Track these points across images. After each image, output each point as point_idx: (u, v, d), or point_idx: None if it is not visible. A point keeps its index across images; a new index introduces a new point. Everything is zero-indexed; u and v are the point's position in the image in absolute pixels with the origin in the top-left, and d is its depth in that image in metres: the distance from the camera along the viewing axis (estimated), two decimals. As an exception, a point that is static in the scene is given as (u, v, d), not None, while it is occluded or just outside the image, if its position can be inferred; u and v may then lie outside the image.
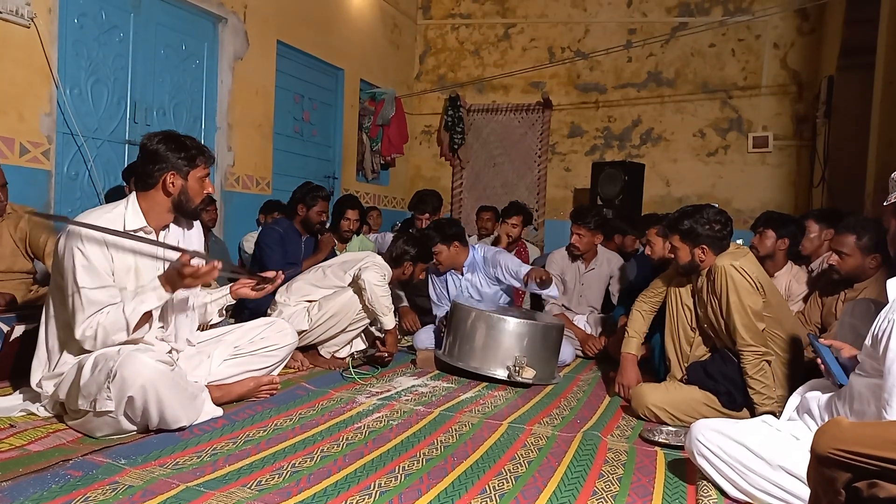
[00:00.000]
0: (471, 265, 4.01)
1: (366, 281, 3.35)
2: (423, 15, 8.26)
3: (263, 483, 1.93)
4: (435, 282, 4.18)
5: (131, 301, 2.22)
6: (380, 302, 3.38)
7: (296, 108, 6.26)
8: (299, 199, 4.16)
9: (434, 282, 4.19)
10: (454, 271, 4.05)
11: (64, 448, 2.10)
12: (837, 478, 1.22)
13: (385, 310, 3.40)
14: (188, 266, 2.22)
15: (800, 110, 6.97)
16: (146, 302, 2.23)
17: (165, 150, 2.33)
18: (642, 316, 3.25)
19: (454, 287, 4.07)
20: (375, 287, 3.35)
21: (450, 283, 4.08)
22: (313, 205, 4.11)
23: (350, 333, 3.53)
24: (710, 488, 2.03)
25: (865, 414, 1.82)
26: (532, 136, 7.87)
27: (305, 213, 4.14)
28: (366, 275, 3.36)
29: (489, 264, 3.97)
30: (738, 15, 7.03)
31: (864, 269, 2.88)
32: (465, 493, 1.94)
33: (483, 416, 2.77)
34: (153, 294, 2.25)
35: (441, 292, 4.16)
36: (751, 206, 6.96)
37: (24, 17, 3.64)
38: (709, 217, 2.80)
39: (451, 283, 4.08)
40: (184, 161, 2.35)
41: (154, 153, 2.33)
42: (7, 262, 3.12)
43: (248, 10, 5.36)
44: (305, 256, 4.20)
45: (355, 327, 3.51)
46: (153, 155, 2.33)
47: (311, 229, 4.19)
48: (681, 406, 2.78)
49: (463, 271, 4.02)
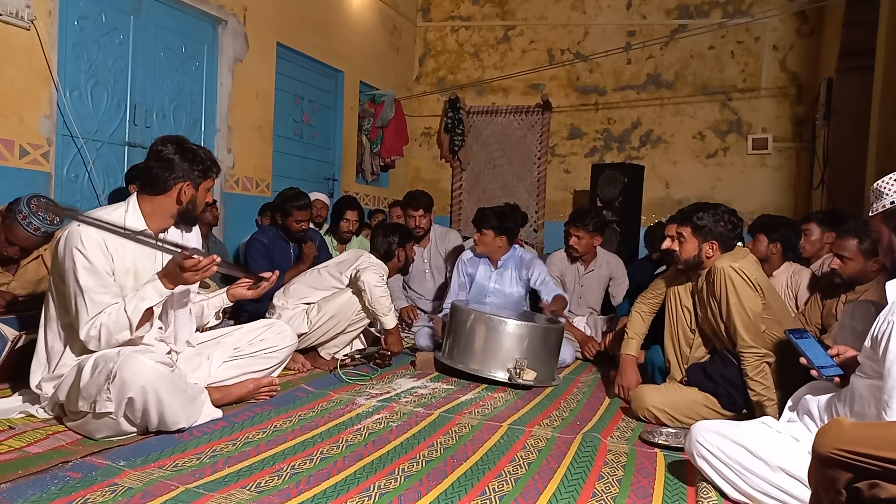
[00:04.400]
0: (506, 261, 4.03)
1: (365, 283, 3.35)
2: (423, 17, 8.27)
3: (263, 485, 1.93)
4: (464, 266, 4.13)
5: (132, 299, 2.22)
6: (380, 303, 3.38)
7: (295, 110, 6.27)
8: (276, 208, 4.12)
9: (462, 266, 4.14)
10: (489, 261, 4.05)
11: (63, 450, 2.09)
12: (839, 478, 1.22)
13: (385, 310, 3.41)
14: (188, 259, 2.21)
15: (799, 112, 6.98)
16: (147, 299, 2.23)
17: (181, 159, 2.35)
18: (642, 317, 3.24)
19: (482, 278, 4.07)
20: (375, 288, 3.36)
21: (480, 272, 4.07)
22: (289, 213, 4.06)
23: (350, 334, 3.53)
24: (710, 490, 2.03)
25: (865, 415, 1.82)
26: (532, 138, 7.87)
27: (283, 222, 4.10)
28: (365, 276, 3.36)
29: (524, 265, 4.02)
30: (738, 17, 7.04)
31: (865, 273, 2.89)
32: (464, 495, 1.94)
33: (483, 417, 2.77)
34: (153, 291, 2.24)
35: (464, 281, 4.13)
36: (750, 208, 6.95)
37: (24, 20, 3.65)
38: (723, 215, 2.81)
39: (480, 273, 4.07)
40: (199, 173, 2.39)
41: (170, 162, 2.34)
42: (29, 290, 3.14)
43: (248, 13, 5.37)
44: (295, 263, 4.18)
45: (355, 328, 3.51)
46: (168, 163, 2.34)
47: (294, 237, 4.16)
48: (680, 408, 2.78)
49: (497, 264, 4.04)
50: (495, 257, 4.02)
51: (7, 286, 3.07)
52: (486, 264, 4.07)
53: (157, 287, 2.25)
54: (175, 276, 2.25)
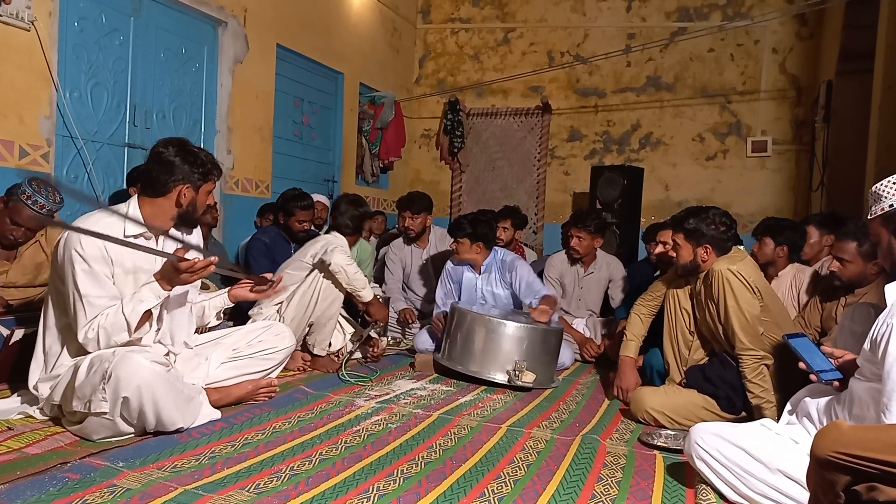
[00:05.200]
0: (489, 265, 4.02)
1: (336, 265, 3.36)
2: (423, 19, 8.28)
3: (262, 486, 1.92)
4: (449, 275, 4.12)
5: (130, 302, 2.22)
6: (355, 280, 3.41)
7: (295, 111, 6.27)
8: (279, 208, 4.14)
9: (448, 276, 4.13)
10: (472, 268, 4.05)
11: (62, 451, 2.09)
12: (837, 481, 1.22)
13: (362, 285, 3.44)
14: (184, 260, 2.21)
15: (799, 115, 6.98)
16: (144, 301, 2.22)
17: (182, 162, 2.35)
18: (641, 319, 3.25)
19: (469, 284, 4.05)
20: (347, 267, 3.39)
21: (465, 279, 4.05)
22: (291, 213, 4.09)
23: (328, 324, 3.49)
24: (709, 492, 2.02)
25: (865, 418, 1.81)
26: (531, 140, 7.88)
27: (285, 222, 4.11)
28: (335, 259, 3.37)
29: (506, 268, 3.98)
30: (737, 20, 7.05)
31: (865, 276, 2.89)
32: (463, 497, 1.93)
33: (482, 419, 2.77)
34: (150, 293, 2.24)
35: (451, 289, 4.12)
36: (750, 210, 6.97)
37: (25, 21, 3.65)
38: (714, 218, 2.81)
39: (465, 280, 4.05)
40: (199, 175, 2.38)
41: (171, 164, 2.34)
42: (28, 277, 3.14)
43: (248, 14, 5.37)
44: None
45: (328, 315, 3.46)
46: (169, 165, 2.34)
47: (295, 237, 4.17)
48: (679, 410, 2.77)
49: (480, 270, 4.03)
50: (477, 263, 4.00)
51: (6, 274, 3.07)
52: (471, 271, 4.05)
53: (155, 289, 2.25)
54: (171, 278, 2.25)
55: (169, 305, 2.46)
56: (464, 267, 4.05)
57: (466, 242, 3.88)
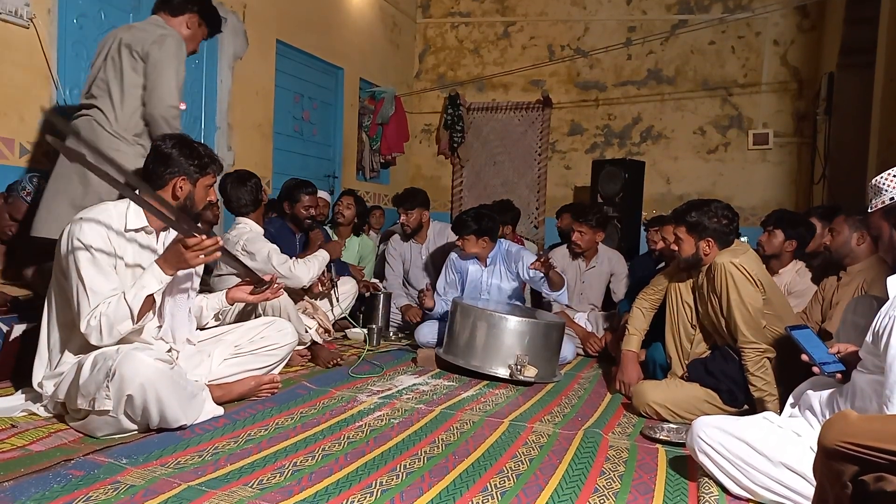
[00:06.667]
0: (494, 257, 4.01)
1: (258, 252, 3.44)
2: (423, 13, 8.26)
3: (265, 482, 1.93)
4: (453, 265, 4.11)
5: (132, 288, 2.21)
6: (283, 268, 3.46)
7: (295, 107, 6.26)
8: (285, 197, 4.17)
9: (452, 266, 4.12)
10: (477, 261, 4.04)
11: (65, 448, 2.10)
12: (844, 471, 1.22)
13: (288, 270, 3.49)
14: (191, 237, 2.19)
15: (800, 107, 6.96)
16: (147, 286, 2.21)
17: (178, 154, 2.35)
18: (643, 313, 3.25)
19: (474, 277, 4.05)
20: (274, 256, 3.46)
21: (471, 271, 4.05)
22: (297, 199, 4.10)
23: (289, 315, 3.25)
24: (712, 485, 2.03)
25: (867, 411, 1.81)
26: (532, 135, 7.86)
27: (292, 210, 4.14)
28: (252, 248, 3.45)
29: (511, 259, 3.98)
30: (738, 12, 7.02)
31: (851, 248, 2.89)
32: (466, 492, 1.94)
33: (484, 414, 2.77)
34: (152, 277, 2.22)
35: (454, 279, 4.10)
36: (752, 203, 6.96)
37: (24, 18, 3.64)
38: (716, 211, 2.81)
39: (471, 273, 4.05)
40: (195, 168, 2.38)
41: (167, 156, 2.35)
42: None
43: (248, 10, 5.35)
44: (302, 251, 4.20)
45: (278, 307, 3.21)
46: (166, 158, 2.35)
47: (301, 225, 4.18)
48: (682, 403, 2.78)
49: (486, 262, 4.02)
50: (483, 256, 4.00)
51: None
52: (476, 264, 4.05)
53: (156, 272, 2.23)
54: (176, 258, 2.22)
55: (171, 294, 2.44)
56: (469, 260, 4.06)
57: (472, 239, 3.88)
